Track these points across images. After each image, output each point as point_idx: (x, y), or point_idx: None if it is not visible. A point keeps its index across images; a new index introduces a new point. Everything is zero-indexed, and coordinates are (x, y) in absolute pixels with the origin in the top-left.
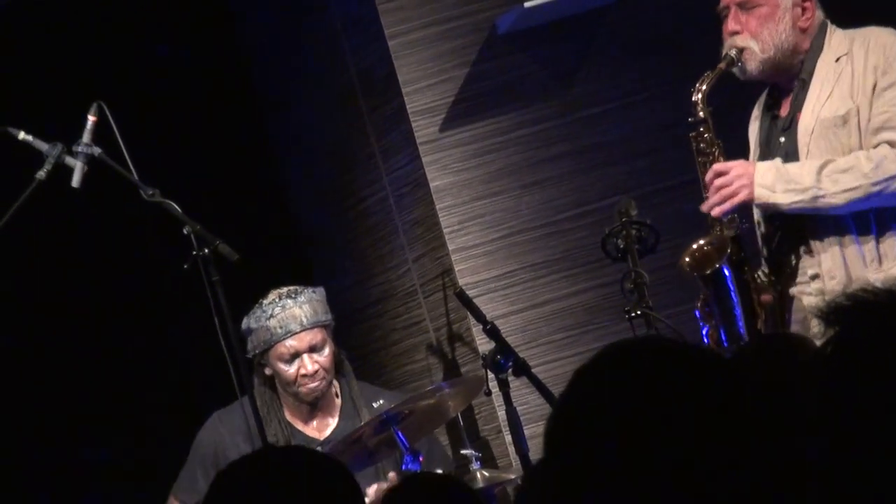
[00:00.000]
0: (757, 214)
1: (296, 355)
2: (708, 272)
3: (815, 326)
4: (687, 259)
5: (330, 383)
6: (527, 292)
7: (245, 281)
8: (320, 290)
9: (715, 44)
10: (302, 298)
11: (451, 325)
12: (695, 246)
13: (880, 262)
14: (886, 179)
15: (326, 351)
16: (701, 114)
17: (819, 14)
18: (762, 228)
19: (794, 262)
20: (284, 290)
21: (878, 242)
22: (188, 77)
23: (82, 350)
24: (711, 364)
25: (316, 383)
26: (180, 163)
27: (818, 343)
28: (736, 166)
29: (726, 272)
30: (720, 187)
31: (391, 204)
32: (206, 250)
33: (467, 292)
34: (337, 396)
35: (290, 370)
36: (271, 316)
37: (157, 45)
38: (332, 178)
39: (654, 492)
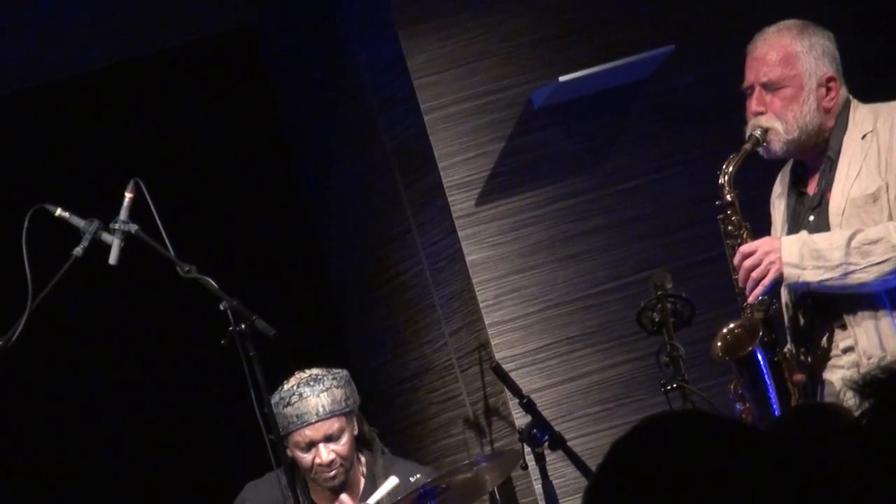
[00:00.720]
0: (785, 296)
1: (311, 444)
2: (741, 356)
3: (850, 399)
4: (719, 344)
5: (349, 470)
6: (563, 366)
7: (282, 356)
8: (343, 375)
9: (746, 118)
10: (320, 387)
11: (488, 398)
12: (725, 330)
13: None
14: None
15: (344, 439)
16: (728, 197)
17: (843, 92)
18: (790, 307)
19: (826, 338)
20: (305, 375)
21: None
22: (226, 153)
23: (119, 425)
24: (747, 437)
25: (332, 472)
26: (218, 239)
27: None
28: (762, 244)
29: (759, 355)
30: (749, 268)
31: (427, 278)
32: (243, 325)
33: (504, 366)
34: (363, 476)
35: (307, 458)
36: (288, 404)
37: None
38: (369, 252)
39: None
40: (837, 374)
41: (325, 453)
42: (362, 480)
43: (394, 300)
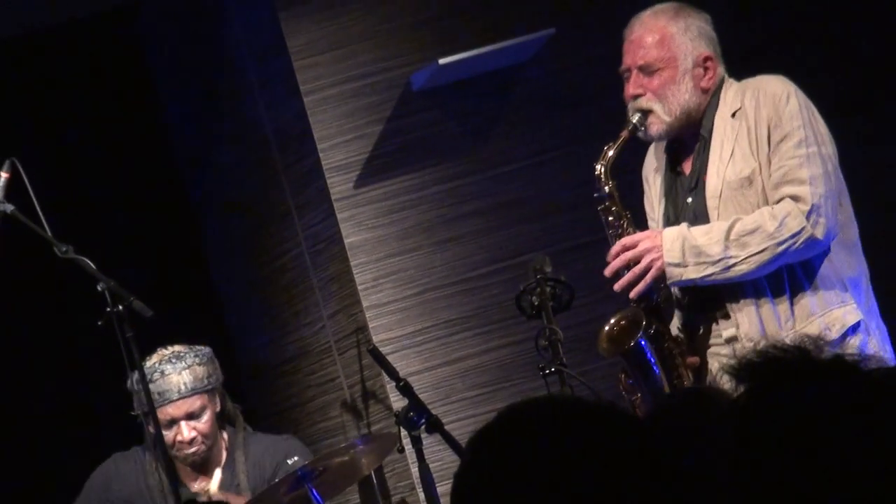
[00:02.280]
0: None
1: (173, 421)
2: (626, 349)
3: (727, 384)
4: (604, 343)
5: (210, 447)
6: (441, 349)
7: (160, 337)
8: (206, 352)
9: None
10: (182, 364)
11: (366, 382)
12: (608, 325)
13: (794, 321)
14: (792, 237)
15: (205, 417)
16: (606, 188)
17: (721, 71)
18: (678, 296)
19: (710, 326)
20: (168, 352)
21: (791, 303)
22: (105, 132)
23: None
24: (613, 421)
25: (193, 449)
26: (95, 219)
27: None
28: (643, 239)
29: (644, 346)
30: (628, 260)
31: (306, 260)
32: (121, 307)
33: (381, 349)
34: (225, 450)
35: (169, 435)
36: (150, 381)
37: None
38: (249, 233)
39: None
40: (717, 363)
41: (186, 430)
42: (223, 454)
43: (273, 282)
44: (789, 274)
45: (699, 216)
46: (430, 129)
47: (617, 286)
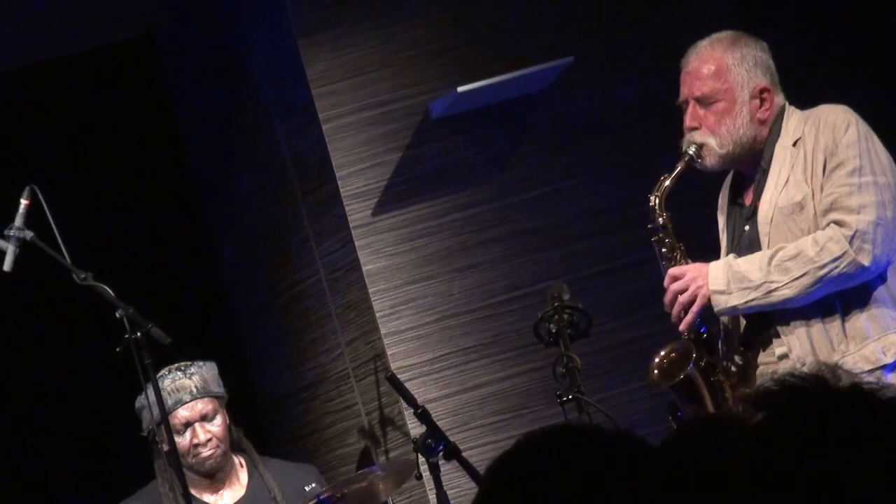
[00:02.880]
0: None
1: (187, 425)
2: (677, 381)
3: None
4: (655, 372)
5: (225, 454)
6: (459, 376)
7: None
8: (211, 365)
9: (651, 130)
10: (192, 370)
11: (383, 408)
12: (658, 357)
13: (847, 343)
14: (833, 261)
15: (218, 420)
16: (660, 220)
17: (778, 100)
18: (729, 324)
19: (762, 347)
20: (174, 365)
21: (843, 322)
22: (124, 160)
23: (9, 432)
24: (627, 449)
25: (210, 451)
26: (114, 246)
27: None
28: (690, 269)
29: (694, 377)
30: (677, 291)
31: (325, 287)
32: (139, 333)
33: (399, 376)
34: (242, 467)
35: (184, 441)
36: (162, 389)
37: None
38: (266, 261)
39: None
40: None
41: (202, 433)
42: (242, 473)
43: (291, 309)
44: (841, 296)
45: (753, 244)
46: (448, 157)
47: (673, 316)
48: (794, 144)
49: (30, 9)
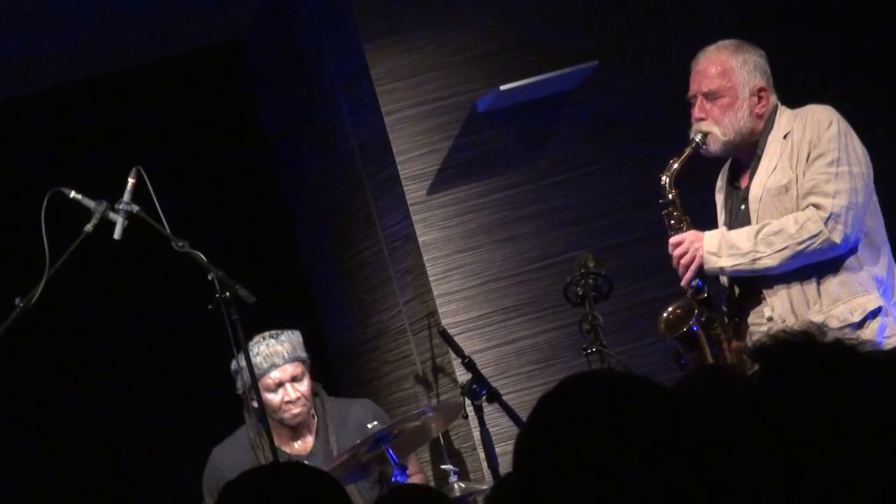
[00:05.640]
0: (723, 277)
1: (280, 385)
2: (681, 333)
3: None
4: (662, 325)
5: (310, 410)
6: (500, 331)
7: (261, 321)
8: (297, 333)
9: (663, 123)
10: (283, 338)
11: (435, 358)
12: (666, 313)
13: (821, 304)
14: (810, 238)
15: (305, 382)
16: (670, 196)
17: (773, 100)
18: (726, 286)
19: (752, 308)
20: (267, 333)
21: (818, 287)
22: (215, 147)
23: (120, 378)
24: (654, 392)
25: (298, 409)
26: (207, 220)
27: None
28: (688, 235)
29: (695, 330)
30: (679, 256)
31: (385, 255)
32: (228, 293)
33: (449, 331)
34: (314, 418)
35: (276, 399)
36: (257, 354)
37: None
38: (335, 233)
39: (595, 501)
40: (756, 338)
41: (293, 391)
42: (314, 423)
43: (356, 274)
44: (816, 266)
45: (745, 221)
46: (491, 146)
47: (680, 275)
48: (785, 137)
49: (138, 20)
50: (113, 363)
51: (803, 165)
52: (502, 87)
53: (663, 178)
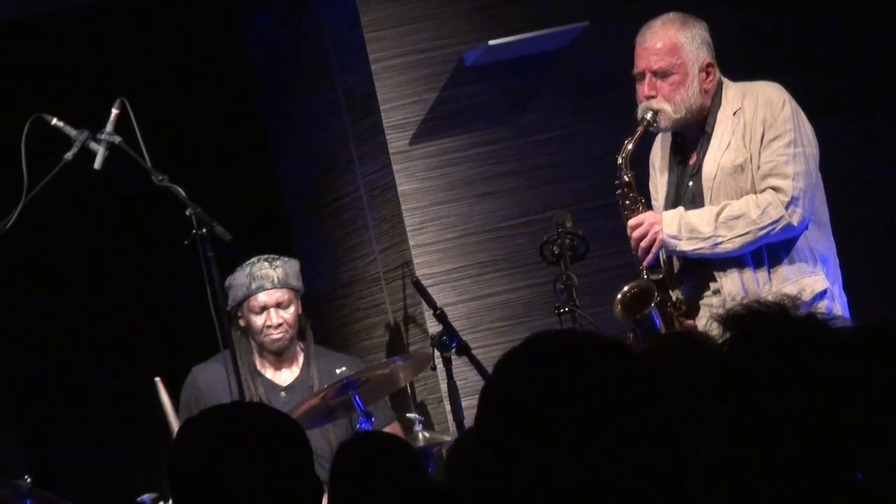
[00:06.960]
0: (664, 255)
1: (264, 308)
2: (639, 316)
3: (715, 330)
4: (619, 308)
5: (292, 339)
6: (473, 286)
7: (235, 259)
8: (295, 262)
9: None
10: (277, 263)
11: (407, 308)
12: (622, 293)
13: (771, 285)
14: (771, 223)
15: (291, 310)
16: (626, 177)
17: (718, 74)
18: (676, 265)
19: (701, 286)
20: (265, 255)
21: (769, 268)
22: (201, 85)
23: (94, 307)
24: (621, 353)
25: (279, 335)
26: (188, 157)
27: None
28: (647, 217)
29: (654, 315)
30: (639, 238)
31: (364, 203)
32: (204, 230)
33: (423, 282)
34: (301, 351)
35: (259, 320)
36: (248, 274)
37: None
38: (317, 177)
39: (555, 457)
40: (706, 312)
41: (276, 317)
42: (300, 357)
43: (334, 219)
44: (768, 247)
45: (696, 198)
46: (476, 100)
47: (640, 257)
48: (735, 114)
49: None
50: (87, 292)
51: (757, 145)
52: (491, 42)
53: (619, 159)
